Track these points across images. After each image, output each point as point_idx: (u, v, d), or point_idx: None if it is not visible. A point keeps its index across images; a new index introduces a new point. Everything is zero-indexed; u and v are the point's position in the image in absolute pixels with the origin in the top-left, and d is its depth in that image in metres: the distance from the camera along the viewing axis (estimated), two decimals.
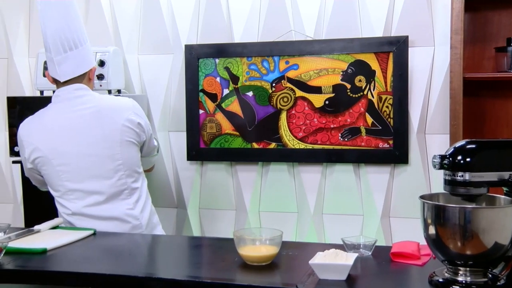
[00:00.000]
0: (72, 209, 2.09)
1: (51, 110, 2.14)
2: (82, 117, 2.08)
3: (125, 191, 2.11)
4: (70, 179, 2.08)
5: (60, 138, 2.07)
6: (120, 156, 2.09)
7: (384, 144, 2.77)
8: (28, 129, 2.12)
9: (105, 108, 2.11)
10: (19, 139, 2.14)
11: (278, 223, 2.88)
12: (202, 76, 2.97)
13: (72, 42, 2.06)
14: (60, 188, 2.10)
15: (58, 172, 2.07)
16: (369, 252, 1.67)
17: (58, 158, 2.06)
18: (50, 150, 2.07)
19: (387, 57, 2.72)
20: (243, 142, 2.94)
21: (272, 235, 1.65)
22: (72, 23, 2.08)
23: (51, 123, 2.10)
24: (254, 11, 2.92)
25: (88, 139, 2.07)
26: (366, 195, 2.85)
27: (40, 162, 2.09)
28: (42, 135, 2.09)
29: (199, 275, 1.59)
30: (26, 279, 1.62)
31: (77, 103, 2.09)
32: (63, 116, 2.09)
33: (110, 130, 2.08)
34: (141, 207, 2.15)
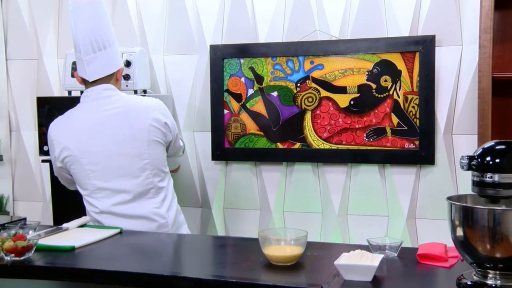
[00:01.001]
0: (100, 208, 2.12)
1: (80, 110, 2.17)
2: (110, 117, 2.11)
3: (151, 190, 2.14)
4: (98, 177, 2.11)
5: (88, 137, 2.10)
6: (147, 155, 2.11)
7: (410, 145, 2.74)
8: (58, 129, 2.16)
9: (133, 108, 2.14)
10: (49, 138, 2.18)
11: (303, 223, 2.87)
12: (227, 76, 2.98)
13: (101, 42, 2.10)
14: (89, 186, 2.13)
15: (86, 171, 2.11)
16: (395, 253, 1.66)
17: (87, 157, 2.10)
18: (79, 149, 2.10)
19: (413, 56, 2.69)
20: (268, 142, 2.94)
21: (297, 235, 1.64)
22: (102, 24, 2.12)
23: (80, 122, 2.13)
24: (279, 11, 2.92)
25: (116, 139, 2.10)
26: (391, 196, 2.82)
27: (69, 161, 2.13)
28: (71, 135, 2.13)
29: (224, 274, 1.60)
30: (55, 275, 1.65)
31: (105, 103, 2.13)
32: (92, 116, 2.12)
33: (137, 129, 2.10)
34: (167, 206, 2.17)
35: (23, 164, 3.42)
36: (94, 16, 2.09)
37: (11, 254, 1.65)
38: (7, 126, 3.42)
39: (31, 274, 1.65)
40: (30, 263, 1.65)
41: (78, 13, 2.07)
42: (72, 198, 2.69)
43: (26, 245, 1.66)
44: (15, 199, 3.45)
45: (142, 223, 2.11)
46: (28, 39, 3.35)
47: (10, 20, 3.37)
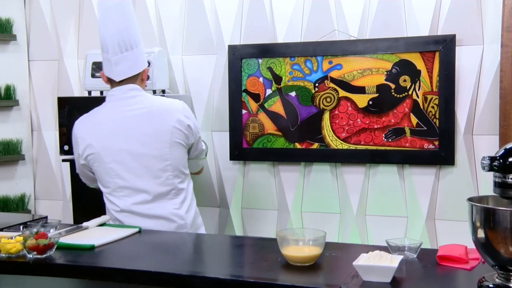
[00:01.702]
0: (120, 206, 2.14)
1: (105, 109, 2.19)
2: (135, 117, 2.13)
3: (172, 191, 2.15)
4: (120, 176, 2.12)
5: (112, 136, 2.12)
6: (169, 156, 2.13)
7: (430, 145, 2.71)
8: (83, 127, 2.19)
9: (157, 109, 2.16)
10: (73, 136, 2.20)
11: (320, 223, 2.87)
12: (245, 76, 2.98)
13: (128, 43, 2.12)
14: (110, 185, 2.15)
15: (108, 169, 2.13)
16: (414, 254, 1.64)
17: (110, 156, 2.12)
18: (102, 148, 2.12)
19: (433, 56, 2.67)
20: (286, 142, 2.94)
21: (316, 235, 1.64)
22: (129, 25, 2.14)
23: (105, 121, 2.16)
24: (297, 11, 2.92)
25: (140, 139, 2.11)
26: (410, 196, 2.80)
27: (93, 158, 2.15)
28: (95, 133, 2.15)
29: (242, 274, 1.60)
30: (76, 274, 1.67)
31: (131, 103, 2.15)
32: (117, 115, 2.15)
33: (161, 130, 2.12)
34: (186, 208, 2.19)
35: (44, 163, 3.47)
36: (122, 17, 2.12)
37: (33, 252, 1.67)
38: (29, 126, 3.47)
39: (52, 272, 1.67)
40: (52, 261, 1.67)
41: (107, 14, 2.10)
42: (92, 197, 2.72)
43: (47, 243, 1.68)
44: (36, 197, 3.51)
45: (161, 223, 2.13)
46: (49, 40, 3.39)
47: (32, 21, 3.42)
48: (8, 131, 3.36)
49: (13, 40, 3.36)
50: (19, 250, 1.70)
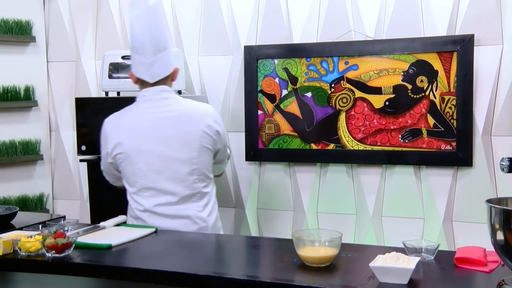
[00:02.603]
0: (145, 206, 2.15)
1: (136, 109, 2.20)
2: (166, 119, 2.14)
3: (196, 195, 2.16)
4: (148, 177, 2.13)
5: (143, 137, 2.14)
6: (196, 161, 2.14)
7: (447, 146, 2.69)
8: (114, 125, 2.20)
9: (188, 112, 2.17)
10: (103, 133, 2.21)
11: (336, 224, 2.86)
12: (261, 76, 2.98)
13: (161, 44, 2.14)
14: (136, 185, 2.16)
15: (136, 169, 2.14)
16: (431, 256, 1.63)
17: (139, 156, 2.12)
18: (132, 148, 2.13)
19: (451, 56, 2.64)
20: (302, 143, 2.94)
21: (332, 236, 1.63)
22: (162, 27, 2.18)
23: (136, 121, 2.17)
24: (313, 12, 2.91)
25: (169, 141, 2.12)
26: (427, 198, 2.78)
27: (121, 158, 2.15)
28: (126, 132, 2.16)
29: (258, 275, 1.60)
30: (94, 273, 1.69)
31: (162, 104, 2.16)
32: (147, 116, 2.16)
33: (190, 134, 2.13)
34: (209, 211, 2.20)
35: (62, 163, 3.51)
36: (156, 19, 2.14)
37: (52, 251, 1.69)
38: (47, 126, 3.51)
39: (70, 271, 1.69)
40: (70, 260, 1.69)
41: (142, 16, 2.11)
42: (109, 197, 2.74)
43: (66, 242, 1.70)
44: (54, 197, 3.55)
45: (183, 224, 2.13)
46: (67, 41, 3.43)
47: (51, 23, 3.47)
48: (27, 132, 3.41)
49: (32, 42, 3.40)
50: (38, 249, 1.72)
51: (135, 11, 2.13)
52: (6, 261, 1.74)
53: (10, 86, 3.29)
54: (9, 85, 3.29)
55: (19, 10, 3.34)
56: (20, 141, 3.35)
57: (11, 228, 2.05)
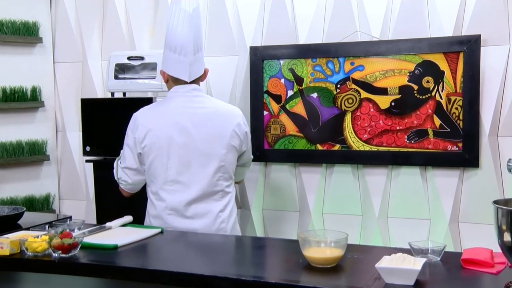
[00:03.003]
0: (168, 202, 2.15)
1: (169, 103, 2.23)
2: (198, 115, 2.18)
3: (219, 193, 2.19)
4: (176, 169, 2.14)
5: (176, 128, 2.16)
6: (224, 158, 2.18)
7: (453, 147, 2.68)
8: (147, 116, 2.21)
9: (220, 111, 2.23)
10: (133, 123, 2.20)
11: (342, 225, 2.85)
12: (267, 77, 2.99)
13: (199, 45, 2.22)
14: (161, 178, 2.15)
15: (165, 160, 2.14)
16: (437, 257, 1.63)
17: (170, 147, 2.14)
18: (165, 138, 2.15)
19: (457, 57, 2.63)
20: (307, 143, 2.94)
21: (338, 237, 1.63)
22: (201, 28, 2.26)
23: (169, 113, 2.19)
24: (319, 12, 2.91)
25: (202, 137, 2.16)
26: (433, 199, 2.77)
27: (152, 147, 2.15)
28: (159, 122, 2.18)
29: (264, 275, 1.61)
30: (100, 273, 1.69)
31: (195, 101, 2.21)
32: (181, 110, 2.19)
33: (222, 132, 2.18)
34: (229, 211, 2.22)
35: (68, 164, 3.52)
36: (198, 21, 2.21)
37: (59, 251, 1.70)
38: (54, 126, 3.53)
39: (76, 271, 1.70)
40: (76, 260, 1.70)
41: (185, 17, 2.16)
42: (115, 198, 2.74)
43: (72, 242, 1.71)
44: (61, 197, 3.56)
45: (203, 224, 2.15)
46: (74, 42, 3.45)
47: (58, 24, 3.48)
48: (34, 132, 3.42)
49: (39, 43, 3.42)
50: (45, 249, 1.73)
51: (179, 12, 2.17)
52: (13, 261, 1.75)
53: (17, 87, 3.31)
54: (16, 86, 3.31)
55: (26, 11, 3.36)
56: (27, 142, 3.37)
57: (18, 228, 2.06)
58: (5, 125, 3.31)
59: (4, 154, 3.26)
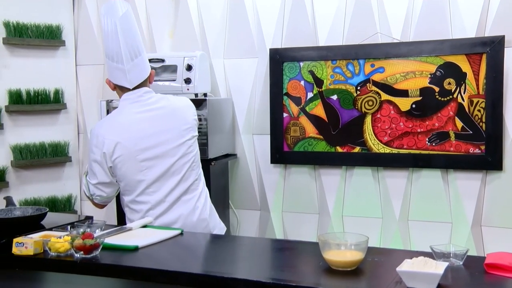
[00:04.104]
0: (149, 202, 2.19)
1: (125, 110, 2.23)
2: (159, 116, 2.20)
3: (194, 182, 2.25)
4: (150, 175, 2.17)
5: (141, 135, 2.17)
6: (192, 149, 2.24)
7: (475, 150, 2.64)
8: (108, 129, 2.21)
9: (177, 106, 2.26)
10: (96, 139, 2.19)
11: (362, 228, 2.83)
12: (287, 79, 2.98)
13: (136, 50, 2.19)
14: (138, 187, 2.18)
15: (141, 166, 2.17)
16: (460, 261, 1.60)
17: (141, 155, 2.16)
18: (134, 147, 2.16)
19: (480, 58, 2.60)
20: (327, 145, 2.92)
21: (358, 240, 1.62)
22: (135, 33, 2.21)
23: (129, 121, 2.20)
24: (339, 14, 2.90)
25: (167, 135, 2.18)
26: (455, 202, 2.73)
27: (123, 159, 2.17)
28: (125, 133, 2.18)
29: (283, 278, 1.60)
30: (121, 274, 1.70)
31: (149, 103, 2.22)
32: (139, 115, 2.20)
33: (184, 126, 2.22)
34: (204, 199, 2.27)
35: None
36: (128, 26, 2.18)
37: (80, 252, 1.72)
38: (76, 128, 3.57)
39: (98, 271, 1.71)
40: (97, 261, 1.71)
41: (114, 25, 2.14)
42: None
43: (94, 243, 1.72)
44: (82, 198, 3.60)
45: (184, 211, 2.20)
46: (95, 45, 3.49)
47: (80, 27, 3.53)
48: (56, 134, 3.47)
49: (62, 46, 3.47)
50: (67, 250, 1.75)
51: (107, 21, 2.17)
52: (36, 261, 1.77)
53: (40, 89, 3.36)
54: (39, 88, 3.36)
55: (50, 15, 3.41)
56: (50, 143, 3.42)
57: (41, 229, 2.08)
58: (29, 126, 3.36)
59: (28, 155, 3.31)
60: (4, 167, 3.25)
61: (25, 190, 3.33)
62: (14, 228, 2.01)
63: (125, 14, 2.17)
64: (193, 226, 2.19)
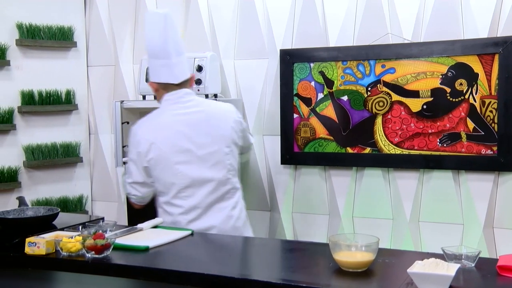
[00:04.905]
0: (183, 206, 2.18)
1: (164, 111, 2.25)
2: (197, 119, 2.21)
3: (231, 191, 2.24)
4: (186, 175, 2.17)
5: (178, 137, 2.18)
6: (229, 156, 2.23)
7: (488, 151, 2.62)
8: (145, 129, 2.23)
9: (216, 111, 2.28)
10: (133, 138, 2.23)
11: (372, 229, 2.82)
12: (297, 80, 2.98)
13: (180, 48, 2.24)
14: (172, 189, 2.18)
15: (174, 169, 2.17)
16: (472, 263, 1.59)
17: (176, 156, 2.17)
18: (169, 148, 2.17)
19: (492, 59, 2.58)
20: (337, 146, 2.92)
21: (369, 241, 1.62)
22: (177, 32, 2.28)
23: (167, 122, 2.21)
24: (349, 15, 2.89)
25: (204, 140, 2.19)
26: (466, 203, 2.71)
27: (158, 160, 2.17)
28: (160, 133, 2.20)
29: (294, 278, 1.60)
30: (132, 274, 1.71)
31: (189, 105, 2.23)
32: (178, 118, 2.21)
33: (222, 131, 2.23)
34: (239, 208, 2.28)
35: (100, 166, 3.58)
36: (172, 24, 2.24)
37: (92, 252, 1.73)
38: (87, 129, 3.60)
39: (109, 271, 1.73)
40: (109, 261, 1.72)
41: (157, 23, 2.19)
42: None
43: (105, 243, 1.74)
44: (93, 199, 3.62)
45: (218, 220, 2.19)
46: (107, 46, 3.51)
47: (91, 29, 3.55)
48: (68, 134, 3.49)
49: (73, 47, 3.49)
50: (78, 249, 1.77)
51: (151, 20, 2.22)
52: (48, 260, 1.79)
53: (52, 90, 3.39)
54: (51, 89, 3.39)
55: (62, 17, 3.44)
56: (61, 144, 3.44)
57: (53, 229, 2.10)
58: (41, 127, 3.39)
59: (39, 156, 3.34)
60: (17, 167, 3.28)
61: (37, 190, 3.36)
62: (26, 228, 2.04)
63: (169, 14, 2.23)
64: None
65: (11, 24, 3.27)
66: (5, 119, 3.21)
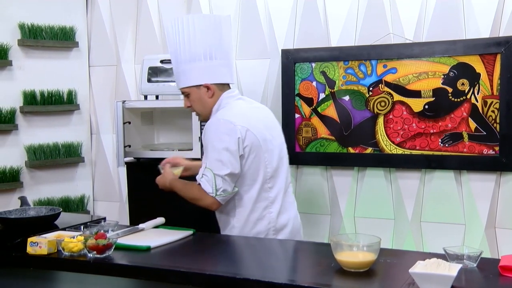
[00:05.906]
0: (272, 195, 2.17)
1: (241, 104, 2.23)
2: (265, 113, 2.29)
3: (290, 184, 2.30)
4: (273, 166, 2.18)
5: (262, 125, 2.19)
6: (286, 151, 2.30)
7: (489, 151, 2.62)
8: (239, 115, 2.14)
9: None
10: (228, 126, 2.08)
11: (374, 229, 2.82)
12: (299, 80, 2.98)
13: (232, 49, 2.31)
14: (260, 178, 2.14)
15: (263, 159, 2.15)
16: (474, 264, 1.59)
17: (265, 145, 2.17)
18: (260, 135, 2.16)
19: (494, 59, 2.58)
20: (339, 146, 2.92)
21: (370, 241, 1.62)
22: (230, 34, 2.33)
23: (251, 112, 2.23)
24: (351, 15, 2.89)
25: (276, 131, 2.26)
26: (468, 203, 2.71)
27: (252, 147, 2.12)
28: (251, 121, 2.15)
29: (296, 278, 1.60)
30: (134, 274, 1.72)
31: (251, 101, 2.31)
32: (254, 110, 2.26)
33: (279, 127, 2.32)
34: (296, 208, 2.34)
35: (102, 166, 3.58)
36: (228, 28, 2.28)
37: (93, 251, 1.73)
38: (89, 129, 3.60)
39: (111, 271, 1.73)
40: (110, 260, 1.73)
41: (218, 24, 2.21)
42: (147, 199, 2.79)
43: (106, 243, 1.74)
44: (95, 199, 3.63)
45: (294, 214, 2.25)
46: (108, 46, 3.51)
47: (93, 29, 3.55)
48: (70, 134, 3.50)
49: (75, 47, 3.50)
50: (80, 249, 1.77)
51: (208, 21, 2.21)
52: (50, 260, 1.79)
53: (54, 90, 3.39)
54: (53, 89, 3.39)
55: (64, 17, 3.45)
56: (63, 144, 3.45)
57: (55, 228, 2.11)
58: (43, 127, 3.39)
59: (41, 156, 3.34)
60: (19, 167, 3.29)
61: (39, 190, 3.37)
62: (28, 228, 2.04)
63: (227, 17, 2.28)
64: (297, 230, 2.24)
65: (13, 24, 3.27)
66: (7, 119, 3.22)
